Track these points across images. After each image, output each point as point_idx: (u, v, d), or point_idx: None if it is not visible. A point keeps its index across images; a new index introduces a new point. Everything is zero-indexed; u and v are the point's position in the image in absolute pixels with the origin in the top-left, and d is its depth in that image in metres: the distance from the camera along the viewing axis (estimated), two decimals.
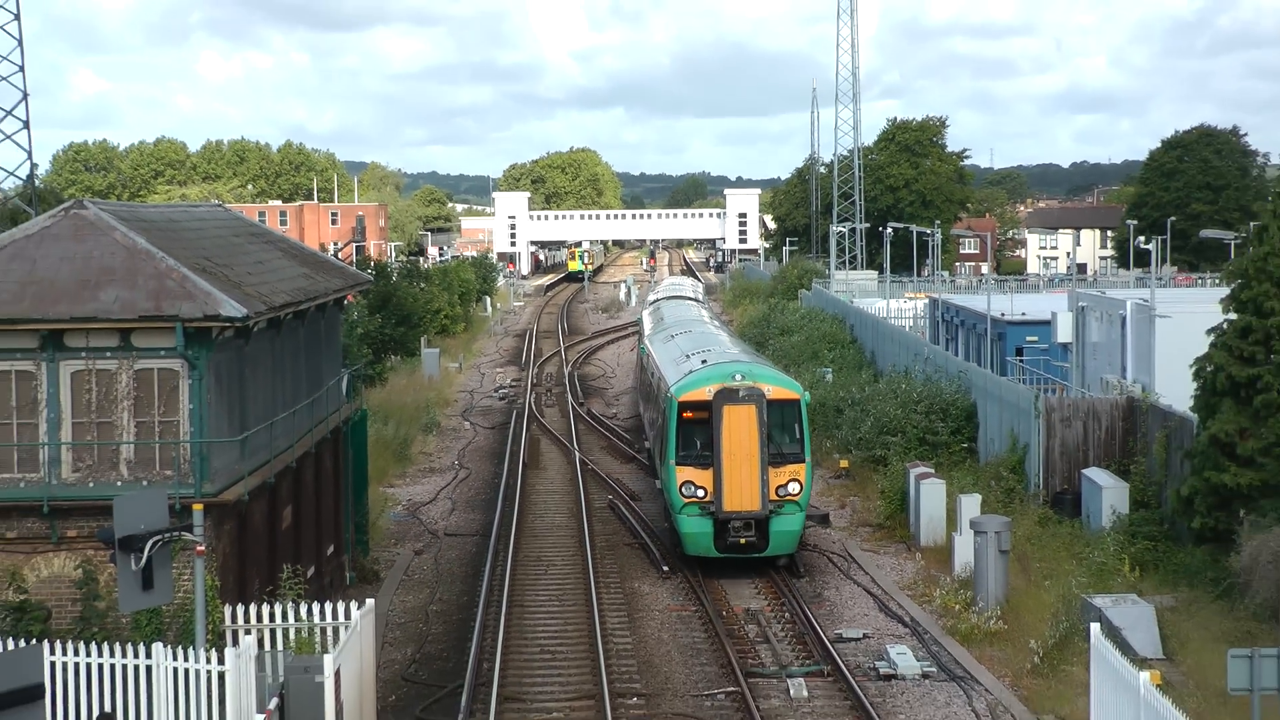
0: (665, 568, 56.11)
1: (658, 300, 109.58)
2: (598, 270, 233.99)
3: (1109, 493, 55.91)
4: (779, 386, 53.11)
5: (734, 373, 53.36)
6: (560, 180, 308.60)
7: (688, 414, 52.88)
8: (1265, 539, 43.24)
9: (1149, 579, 48.11)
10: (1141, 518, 54.17)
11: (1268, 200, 67.93)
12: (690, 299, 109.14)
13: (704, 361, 56.90)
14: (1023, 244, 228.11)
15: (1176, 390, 57.47)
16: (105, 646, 33.16)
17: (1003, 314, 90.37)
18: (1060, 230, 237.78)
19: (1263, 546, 43.03)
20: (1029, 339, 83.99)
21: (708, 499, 50.63)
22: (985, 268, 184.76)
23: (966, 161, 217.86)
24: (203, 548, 33.37)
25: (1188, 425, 53.31)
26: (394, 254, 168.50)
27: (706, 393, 52.52)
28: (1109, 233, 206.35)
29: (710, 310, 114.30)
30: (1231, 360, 48.79)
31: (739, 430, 51.02)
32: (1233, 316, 49.75)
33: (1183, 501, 50.68)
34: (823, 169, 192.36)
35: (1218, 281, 68.55)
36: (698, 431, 52.43)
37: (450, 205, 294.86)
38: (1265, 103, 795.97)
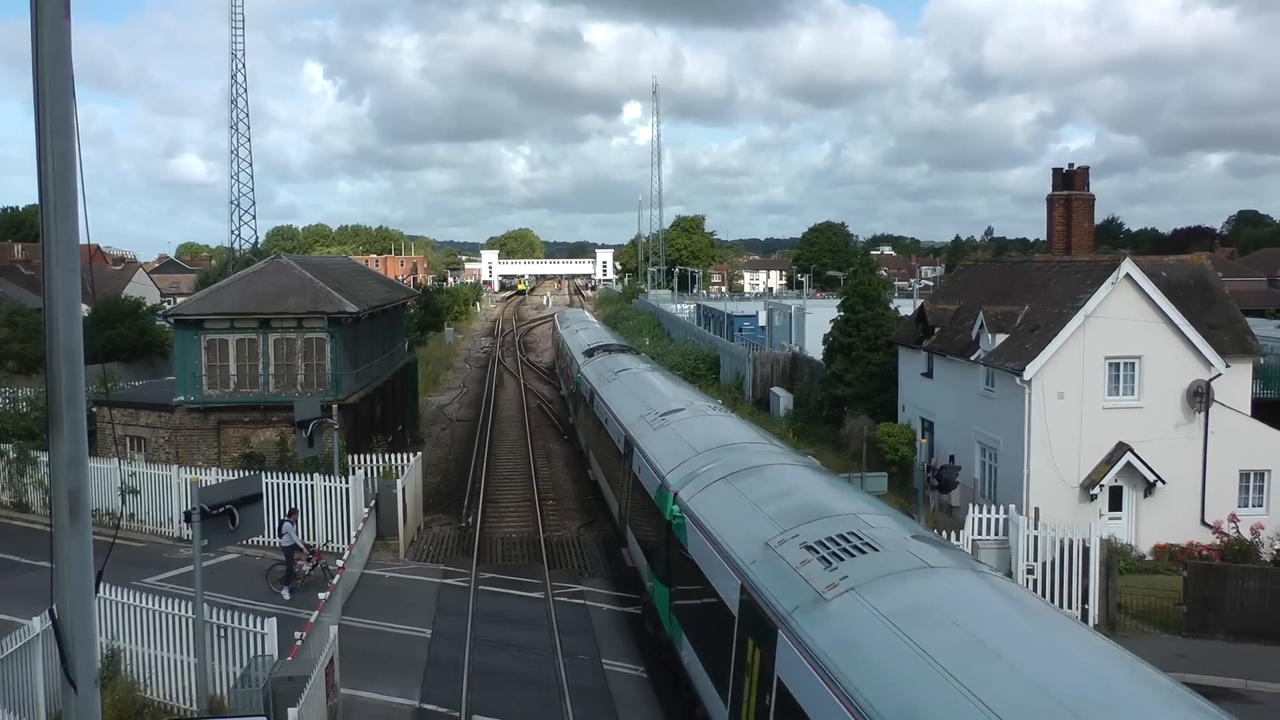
0: (565, 436, 54.47)
1: (593, 349, 50.10)
2: (532, 290, 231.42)
3: (783, 399, 56.79)
4: None
5: None
6: (514, 245, 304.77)
7: None
8: (855, 422, 44.48)
9: (802, 441, 48.26)
10: (798, 411, 54.89)
11: (855, 259, 70.62)
12: (624, 350, 51.03)
13: None
14: (742, 278, 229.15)
15: (815, 349, 58.02)
16: (291, 475, 33.40)
17: (732, 311, 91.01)
18: (761, 271, 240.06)
19: (854, 425, 44.24)
20: (745, 324, 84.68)
21: None
22: (724, 289, 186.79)
23: (715, 236, 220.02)
24: (337, 427, 34.02)
25: (820, 366, 54.12)
26: (431, 281, 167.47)
27: None
28: (784, 272, 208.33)
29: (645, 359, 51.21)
30: (841, 335, 50.11)
31: None
32: (842, 313, 50.79)
33: (817, 404, 52.08)
34: (644, 239, 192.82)
35: (835, 297, 70.38)
36: None
37: (460, 257, 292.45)
38: (857, 211, 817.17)
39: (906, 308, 58.16)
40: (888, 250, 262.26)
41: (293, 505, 32.13)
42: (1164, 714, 9.50)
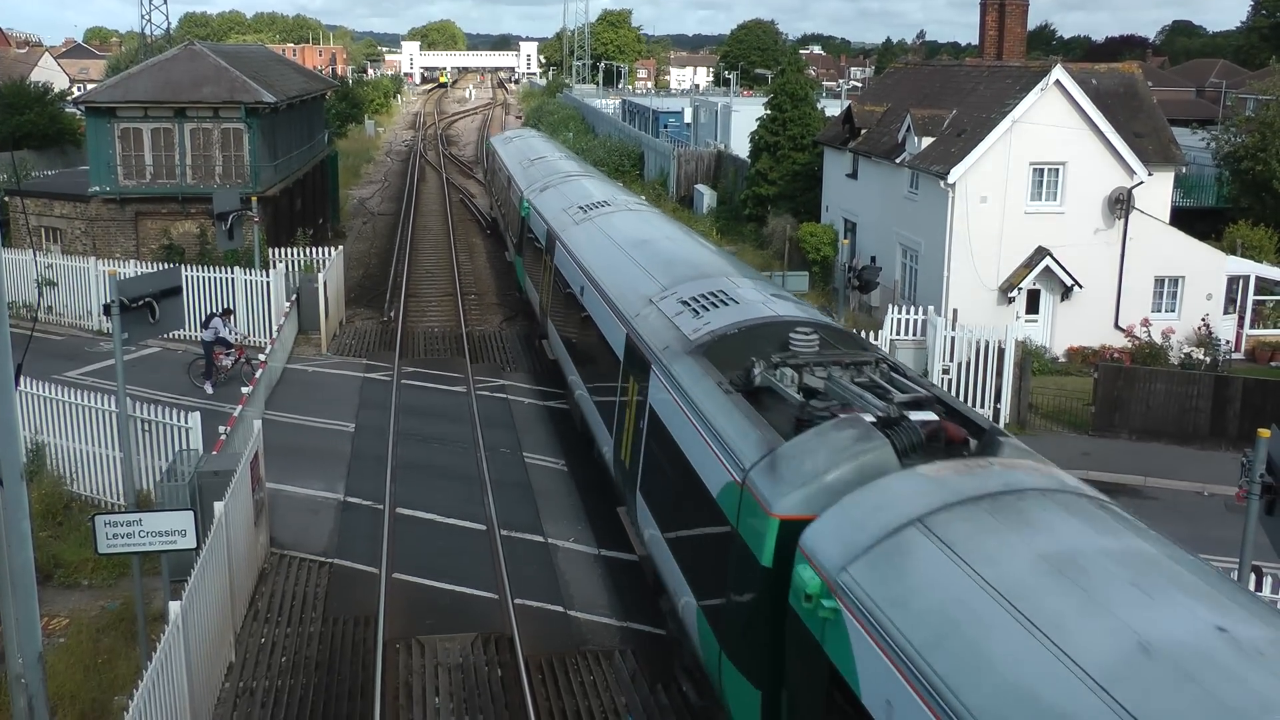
0: (488, 231, 53.83)
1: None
2: (454, 83, 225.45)
3: (706, 196, 56.53)
4: None
5: None
6: (436, 37, 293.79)
7: None
8: (778, 221, 44.64)
9: (725, 239, 48.35)
10: (722, 209, 54.64)
11: (783, 58, 69.44)
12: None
13: None
14: (669, 74, 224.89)
15: (740, 148, 57.09)
16: (211, 268, 32.57)
17: (657, 108, 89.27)
18: (688, 67, 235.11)
19: (776, 224, 44.42)
20: (671, 121, 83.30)
21: None
22: (651, 85, 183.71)
23: (642, 31, 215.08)
24: (257, 219, 33.48)
25: (744, 164, 53.46)
26: (350, 73, 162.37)
27: None
28: (712, 69, 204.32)
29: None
30: (766, 133, 49.62)
31: None
32: (768, 112, 50.15)
33: (741, 202, 51.82)
34: (570, 33, 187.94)
35: (763, 95, 69.37)
36: None
37: (380, 49, 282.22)
38: (789, 9, 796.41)
39: (834, 109, 57.55)
40: (817, 50, 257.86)
41: (228, 305, 31.33)
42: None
